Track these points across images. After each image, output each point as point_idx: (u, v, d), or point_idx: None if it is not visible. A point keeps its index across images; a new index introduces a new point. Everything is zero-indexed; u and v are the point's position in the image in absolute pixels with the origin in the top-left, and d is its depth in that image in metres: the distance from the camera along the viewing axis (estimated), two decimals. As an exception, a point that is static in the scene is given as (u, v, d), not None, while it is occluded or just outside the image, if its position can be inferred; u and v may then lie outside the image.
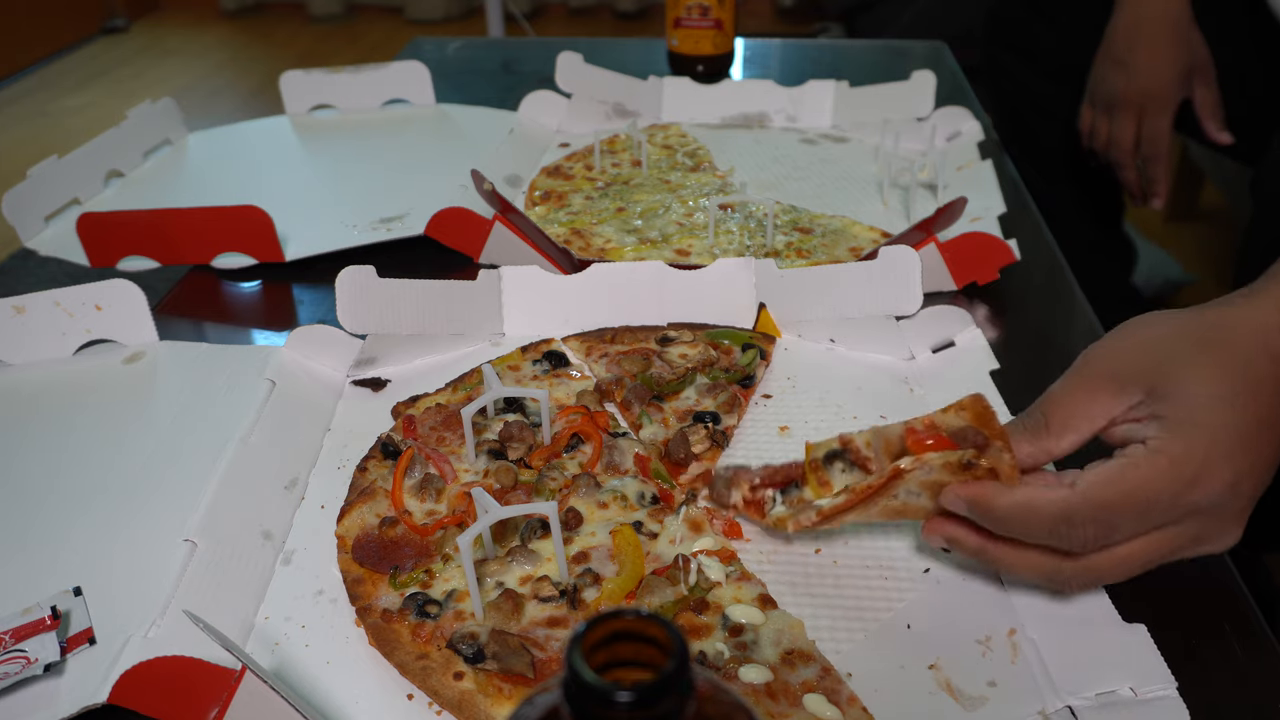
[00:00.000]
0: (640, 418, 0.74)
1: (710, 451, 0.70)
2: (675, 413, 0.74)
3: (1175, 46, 1.22)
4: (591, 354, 0.81)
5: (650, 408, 0.74)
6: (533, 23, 3.55)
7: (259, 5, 4.75)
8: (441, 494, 0.67)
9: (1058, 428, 0.55)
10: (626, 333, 0.83)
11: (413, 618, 0.57)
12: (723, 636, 0.56)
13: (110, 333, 0.85)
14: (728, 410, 0.74)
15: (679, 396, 0.76)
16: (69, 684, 0.55)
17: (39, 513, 0.68)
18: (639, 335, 0.83)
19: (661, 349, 0.81)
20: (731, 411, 0.74)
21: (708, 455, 0.70)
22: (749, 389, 0.77)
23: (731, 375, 0.77)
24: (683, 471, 0.69)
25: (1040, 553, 0.54)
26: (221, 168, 1.24)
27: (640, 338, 0.82)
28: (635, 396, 0.75)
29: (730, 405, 0.74)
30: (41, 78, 3.96)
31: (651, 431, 0.73)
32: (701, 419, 0.73)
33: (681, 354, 0.80)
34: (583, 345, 0.82)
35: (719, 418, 0.73)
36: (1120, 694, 0.52)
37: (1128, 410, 0.53)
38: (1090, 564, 0.53)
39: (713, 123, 1.31)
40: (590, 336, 0.83)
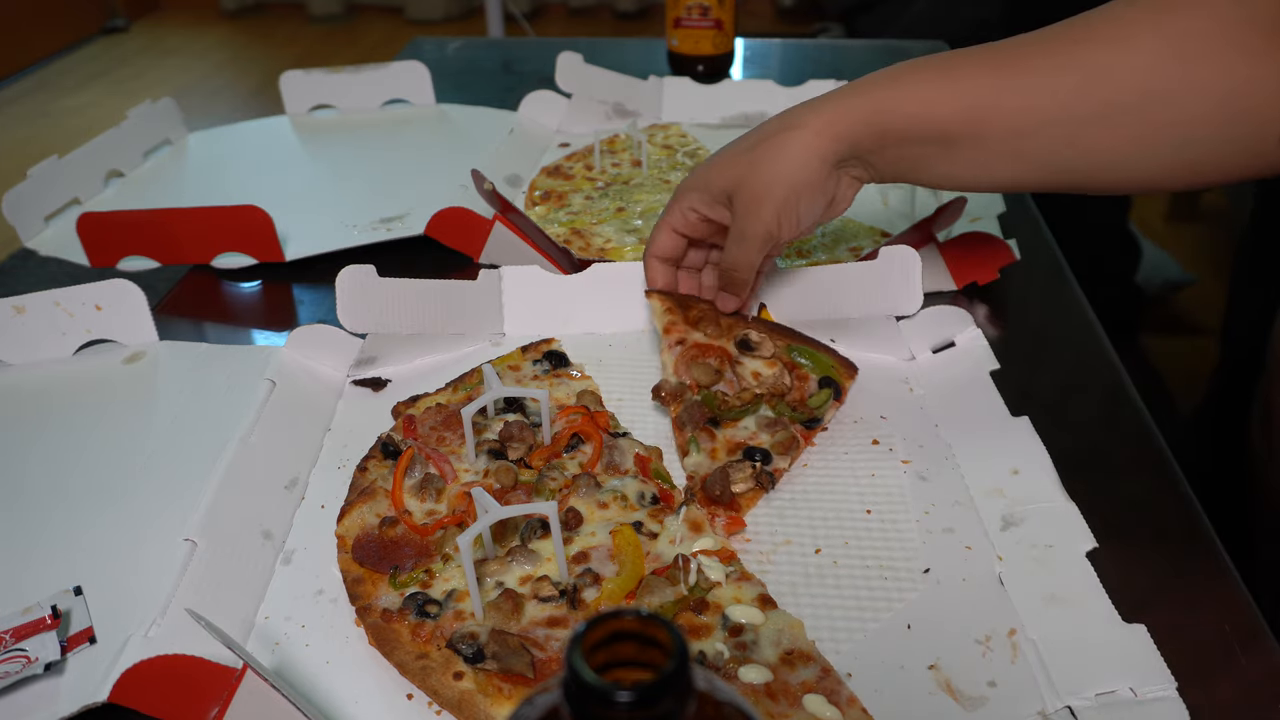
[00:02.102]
0: (690, 443, 0.70)
1: (752, 493, 0.66)
2: (727, 443, 0.70)
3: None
4: (672, 331, 0.77)
5: (703, 433, 0.70)
6: (533, 23, 3.55)
7: (259, 5, 4.75)
8: (441, 494, 0.67)
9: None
10: (711, 313, 0.78)
11: (413, 617, 0.57)
12: (723, 636, 0.56)
13: (110, 333, 0.85)
14: (783, 451, 0.69)
15: (736, 425, 0.71)
16: (69, 683, 0.55)
17: (39, 513, 0.68)
18: (723, 325, 0.77)
19: (738, 356, 0.76)
20: (786, 453, 0.69)
21: (748, 497, 0.66)
22: (813, 430, 0.72)
23: (797, 415, 0.72)
24: (719, 511, 0.65)
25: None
26: (221, 168, 1.24)
27: (724, 328, 0.77)
28: (691, 417, 0.71)
29: (787, 446, 0.69)
30: (41, 78, 3.96)
31: (696, 462, 0.69)
32: (751, 455, 0.68)
33: (755, 372, 0.75)
34: (664, 306, 0.78)
35: (770, 458, 0.68)
36: (1120, 694, 0.52)
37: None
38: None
39: (713, 123, 1.31)
40: (677, 300, 0.78)
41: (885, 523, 0.65)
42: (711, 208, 0.73)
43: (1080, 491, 0.63)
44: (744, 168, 0.70)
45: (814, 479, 0.69)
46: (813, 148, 0.68)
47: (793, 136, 0.69)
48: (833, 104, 0.69)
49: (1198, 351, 1.79)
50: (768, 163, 0.69)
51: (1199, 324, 1.92)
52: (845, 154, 0.69)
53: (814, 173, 0.69)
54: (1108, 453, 0.72)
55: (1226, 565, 0.61)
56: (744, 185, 0.70)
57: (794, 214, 0.70)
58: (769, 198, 0.69)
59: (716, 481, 0.65)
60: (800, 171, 0.68)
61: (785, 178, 0.68)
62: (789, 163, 0.68)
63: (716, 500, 0.65)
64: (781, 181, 0.69)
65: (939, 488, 0.67)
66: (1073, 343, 0.86)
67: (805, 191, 0.69)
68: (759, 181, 0.69)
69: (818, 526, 0.65)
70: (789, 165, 0.68)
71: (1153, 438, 0.73)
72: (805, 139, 0.68)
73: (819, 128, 0.68)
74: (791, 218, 0.70)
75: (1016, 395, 0.72)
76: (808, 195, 0.69)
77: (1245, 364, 1.12)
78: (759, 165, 0.69)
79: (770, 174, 0.69)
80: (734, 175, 0.71)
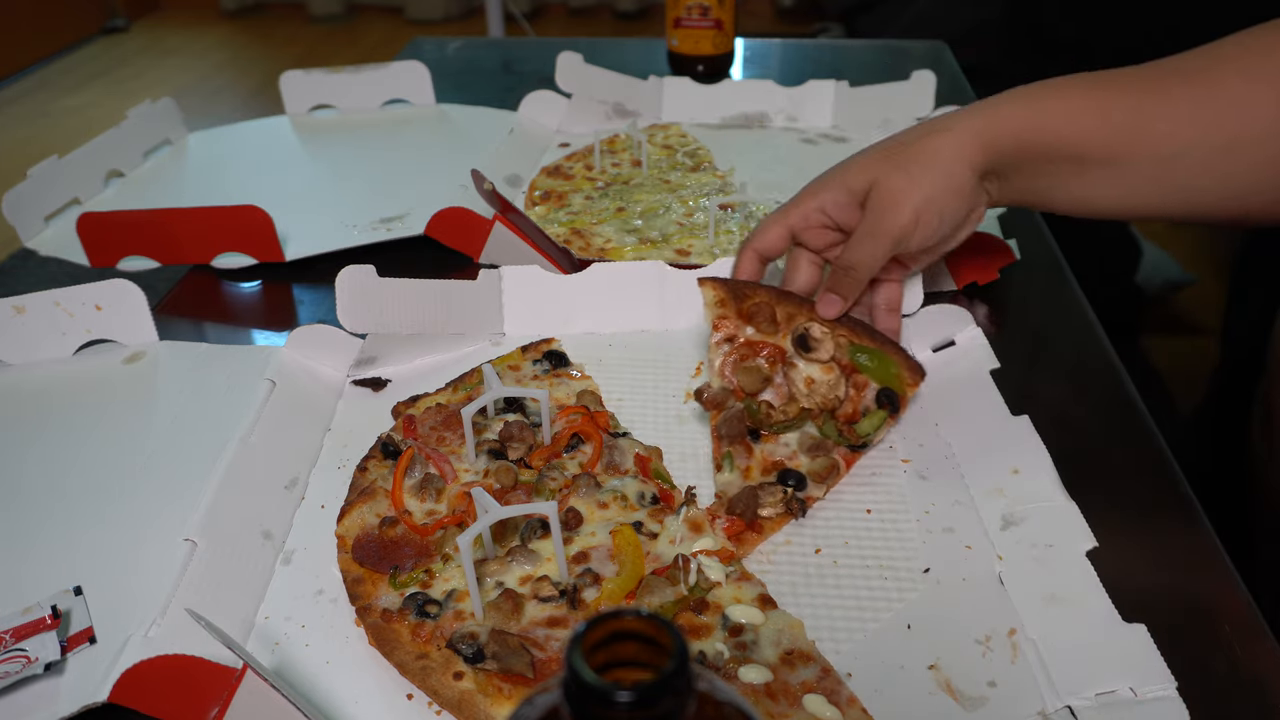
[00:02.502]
0: (724, 459, 0.67)
1: (779, 519, 0.64)
2: (763, 461, 0.68)
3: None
4: (721, 326, 0.72)
5: (740, 446, 0.67)
6: (533, 23, 3.55)
7: (259, 5, 4.75)
8: (441, 494, 0.67)
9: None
10: (768, 306, 0.72)
11: (413, 617, 0.57)
12: (723, 636, 0.56)
13: (110, 333, 0.85)
14: (820, 479, 0.66)
15: (777, 440, 0.69)
16: (69, 683, 0.55)
17: (39, 513, 0.68)
18: (781, 319, 0.72)
19: (794, 355, 0.71)
20: (823, 482, 0.66)
21: (774, 522, 0.64)
22: (857, 454, 0.68)
23: (844, 440, 0.68)
24: (742, 534, 0.63)
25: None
26: (221, 168, 1.24)
27: (782, 321, 0.72)
28: (730, 429, 0.68)
29: (825, 474, 0.66)
30: (41, 78, 3.96)
31: (727, 481, 0.67)
32: (785, 480, 0.65)
33: (809, 379, 0.70)
34: (716, 296, 0.72)
35: (804, 484, 0.65)
36: (1120, 694, 0.52)
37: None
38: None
39: (713, 123, 1.31)
40: (731, 288, 0.72)
41: (885, 522, 0.65)
42: (842, 208, 0.69)
43: (1080, 491, 0.63)
44: (887, 166, 0.68)
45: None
46: (963, 152, 0.66)
47: (943, 139, 0.67)
48: (982, 111, 0.68)
49: (1198, 351, 1.79)
50: (913, 162, 0.67)
51: (1199, 324, 1.92)
52: (990, 165, 0.67)
53: (961, 178, 0.67)
54: (1108, 453, 0.72)
55: (1226, 565, 0.61)
56: (885, 182, 0.67)
57: (934, 217, 0.67)
58: (910, 196, 0.66)
59: (743, 502, 0.64)
60: (947, 175, 0.66)
61: (931, 178, 0.66)
62: (937, 164, 0.66)
63: (741, 517, 0.64)
64: (927, 181, 0.66)
65: (939, 487, 0.67)
66: (1073, 343, 0.86)
67: (950, 196, 0.67)
68: (902, 179, 0.67)
69: (818, 526, 0.65)
70: (936, 166, 0.66)
71: (1153, 438, 0.73)
72: (956, 141, 0.66)
73: (970, 133, 0.67)
74: (931, 220, 0.67)
75: (1016, 395, 0.72)
76: (952, 200, 0.67)
77: (1245, 364, 1.12)
78: (903, 164, 0.67)
79: (915, 173, 0.66)
80: (874, 173, 0.68)
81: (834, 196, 0.70)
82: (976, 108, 0.69)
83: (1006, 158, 0.67)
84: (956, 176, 0.67)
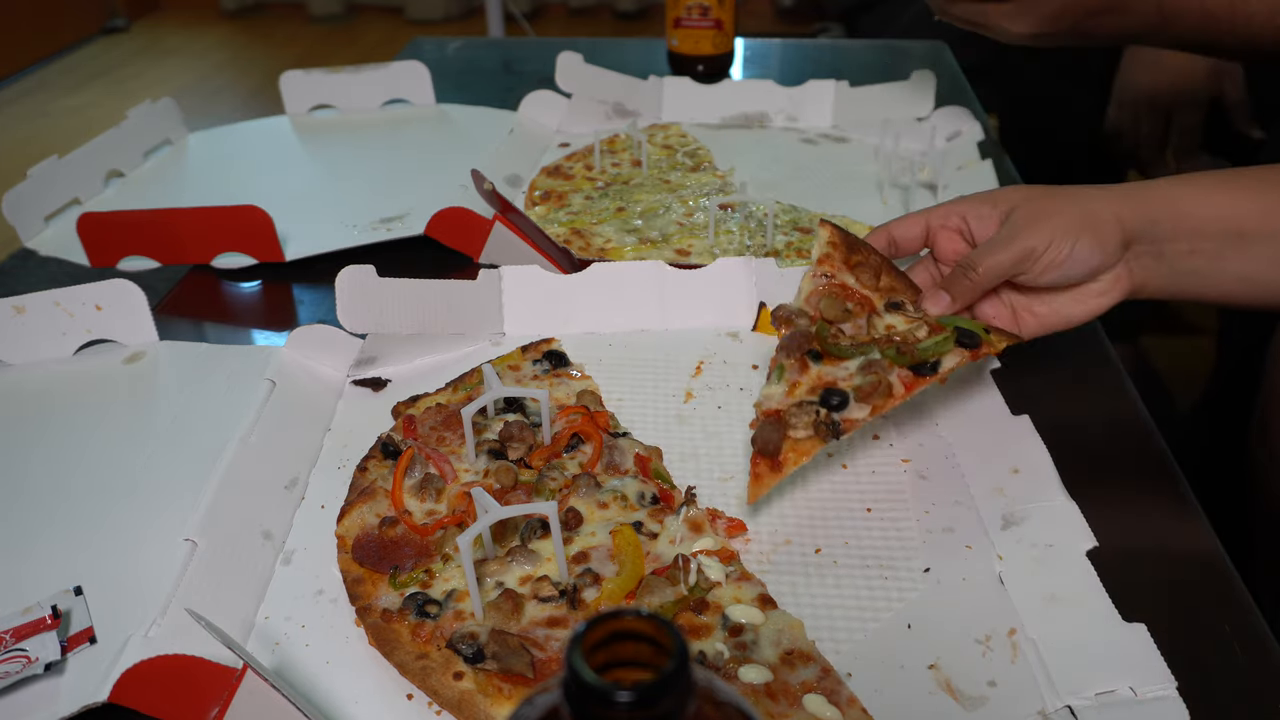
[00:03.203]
0: (776, 370, 0.63)
1: (808, 442, 0.60)
2: (816, 380, 0.63)
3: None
4: (824, 263, 0.70)
5: (795, 363, 0.63)
6: (533, 23, 3.55)
7: (259, 5, 4.75)
8: (441, 494, 0.67)
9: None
10: (875, 267, 0.70)
11: (413, 618, 0.57)
12: (723, 636, 0.56)
13: (110, 333, 0.85)
14: (865, 397, 0.62)
15: (837, 364, 0.64)
16: (69, 683, 0.55)
17: (39, 513, 0.68)
18: (882, 285, 0.70)
19: (882, 311, 0.69)
20: (868, 400, 0.62)
21: (801, 447, 0.60)
22: (920, 380, 0.63)
23: (901, 358, 0.63)
24: (763, 467, 0.60)
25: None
26: (221, 168, 1.24)
27: (880, 288, 0.70)
28: (793, 343, 0.64)
29: (871, 391, 0.62)
30: (41, 78, 3.96)
31: (769, 393, 0.63)
32: (828, 399, 0.61)
33: (890, 325, 0.68)
34: (829, 239, 0.71)
35: (846, 403, 0.61)
36: (1120, 694, 0.52)
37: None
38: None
39: (713, 123, 1.31)
40: (845, 239, 0.71)
41: (885, 522, 0.65)
42: (982, 219, 0.70)
43: (1080, 491, 0.63)
44: (1035, 193, 0.69)
45: (814, 478, 0.69)
46: (1112, 206, 0.66)
47: (1094, 190, 0.68)
48: (1134, 186, 0.69)
49: (1198, 351, 1.79)
50: (1062, 194, 0.67)
51: (1199, 324, 1.92)
52: (1140, 230, 0.66)
53: (1104, 226, 0.66)
54: (1108, 452, 0.72)
55: (1226, 565, 0.61)
56: (1028, 204, 0.68)
57: (1066, 245, 0.66)
58: (1050, 219, 0.66)
59: (770, 433, 0.59)
60: (1091, 215, 0.66)
61: (1075, 210, 0.66)
62: (1083, 203, 0.67)
63: (764, 452, 0.60)
64: (1070, 211, 0.66)
65: (939, 487, 0.67)
66: (1073, 343, 0.86)
67: (1088, 234, 0.66)
68: (1046, 203, 0.67)
69: (818, 526, 0.65)
70: (1083, 205, 0.67)
71: (1153, 438, 0.73)
72: (1107, 195, 0.67)
73: (1121, 193, 0.67)
74: (1062, 247, 0.66)
75: (1016, 395, 0.72)
76: (1088, 239, 0.66)
77: (1244, 363, 1.12)
78: (1052, 193, 0.68)
79: (1061, 201, 0.67)
80: (1022, 196, 0.69)
81: (976, 207, 0.70)
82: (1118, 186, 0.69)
83: (1161, 226, 0.66)
84: (1100, 221, 0.66)
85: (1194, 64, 1.24)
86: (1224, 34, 0.81)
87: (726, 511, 0.66)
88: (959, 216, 0.71)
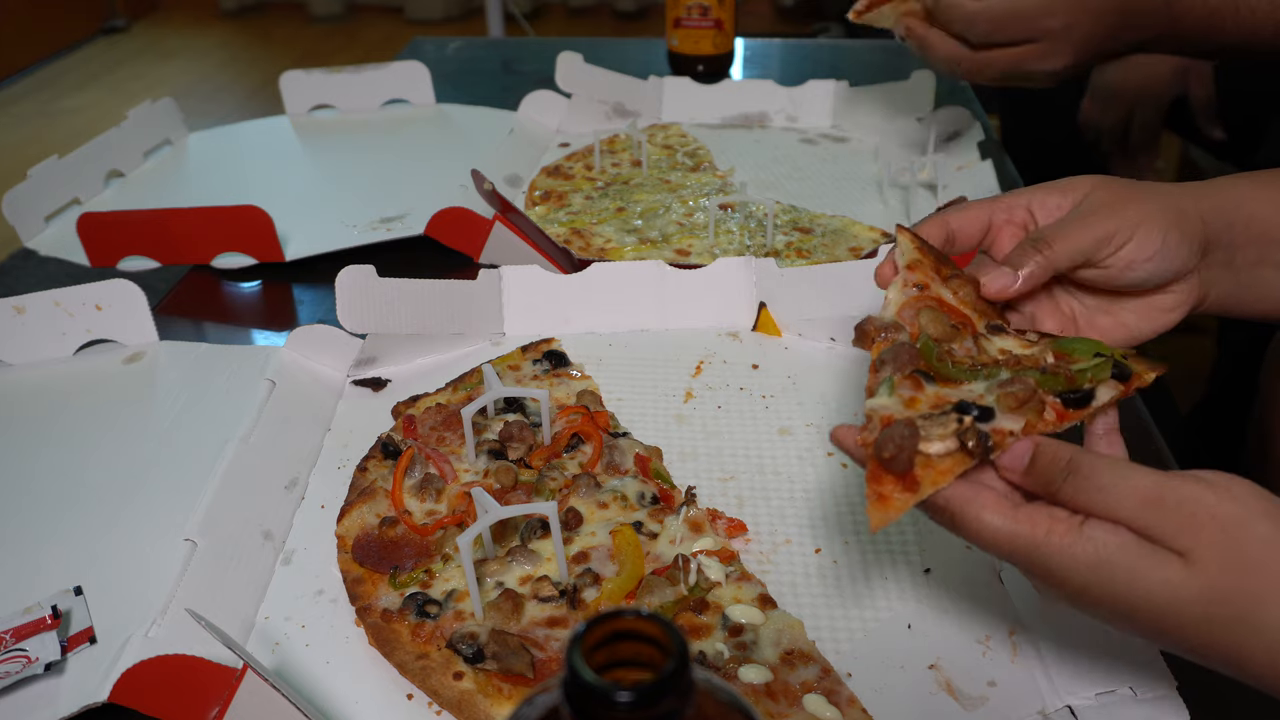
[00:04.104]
0: (883, 384, 0.50)
1: (950, 460, 0.45)
2: (935, 399, 0.49)
3: None
4: (916, 270, 0.56)
5: (906, 380, 0.50)
6: (533, 23, 3.55)
7: (259, 5, 4.75)
8: (441, 494, 0.67)
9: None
10: (972, 285, 0.56)
11: (413, 618, 0.57)
12: (723, 636, 0.56)
13: (110, 333, 0.85)
14: (1013, 407, 0.48)
15: (957, 386, 0.50)
16: (70, 683, 0.55)
17: (39, 512, 0.68)
18: (981, 305, 0.56)
19: (986, 334, 0.55)
20: (1018, 411, 0.48)
21: (940, 467, 0.45)
22: (1074, 411, 0.50)
23: (1052, 382, 0.50)
24: (882, 484, 0.46)
25: (953, 41, 0.89)
26: (221, 168, 1.24)
27: (979, 307, 0.56)
28: (896, 359, 0.51)
29: (1021, 402, 0.48)
30: (41, 78, 3.96)
31: (882, 403, 0.49)
32: (965, 410, 0.47)
33: (1003, 349, 0.54)
34: (915, 245, 0.57)
35: (991, 415, 0.47)
36: (1120, 694, 0.52)
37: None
38: (980, 57, 0.88)
39: (713, 123, 1.31)
40: (929, 251, 0.57)
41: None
42: (1051, 211, 0.60)
43: (1080, 491, 0.62)
44: (1114, 180, 0.59)
45: (814, 478, 0.69)
46: (1192, 201, 0.58)
47: (1169, 186, 0.60)
48: (1196, 186, 0.60)
49: (1198, 351, 1.79)
50: (1141, 185, 0.59)
51: (1199, 324, 1.92)
52: (1218, 230, 0.58)
53: (1190, 219, 0.57)
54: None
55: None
56: (1109, 186, 0.58)
57: (1157, 237, 0.56)
58: (1136, 204, 0.57)
59: (896, 439, 0.46)
60: (1175, 208, 0.57)
61: (1160, 201, 0.57)
62: (1164, 195, 0.58)
63: (887, 465, 0.46)
64: (1156, 200, 0.57)
65: (939, 488, 0.67)
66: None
67: (1176, 228, 0.56)
68: (1130, 191, 0.58)
69: (818, 526, 0.65)
70: (1164, 196, 0.58)
71: (1153, 438, 0.73)
72: (1183, 191, 0.59)
73: (1195, 192, 0.59)
74: (1153, 239, 0.56)
75: (1016, 395, 0.72)
76: (1177, 233, 0.56)
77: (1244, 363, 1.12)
78: (1131, 183, 0.59)
79: (1144, 191, 0.58)
80: (1097, 181, 0.59)
81: (1042, 196, 0.60)
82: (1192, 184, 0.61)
83: (1235, 230, 0.58)
84: (1187, 217, 0.57)
85: (1160, 63, 1.27)
86: (1229, 34, 0.82)
87: (726, 511, 0.66)
88: (1024, 208, 0.61)
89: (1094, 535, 0.43)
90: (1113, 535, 0.43)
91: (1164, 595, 0.42)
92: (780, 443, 0.73)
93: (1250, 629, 0.42)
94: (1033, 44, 0.86)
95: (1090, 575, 0.43)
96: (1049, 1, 0.84)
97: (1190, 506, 0.42)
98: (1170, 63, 1.26)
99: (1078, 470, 0.44)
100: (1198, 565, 0.41)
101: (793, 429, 0.74)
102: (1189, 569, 0.42)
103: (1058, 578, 0.44)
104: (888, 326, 0.54)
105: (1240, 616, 0.42)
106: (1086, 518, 0.44)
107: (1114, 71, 1.30)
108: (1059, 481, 0.45)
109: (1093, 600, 0.44)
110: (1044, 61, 0.86)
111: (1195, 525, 0.42)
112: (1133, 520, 0.43)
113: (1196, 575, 0.41)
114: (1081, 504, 0.44)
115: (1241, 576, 0.41)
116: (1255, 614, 0.41)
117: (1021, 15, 0.85)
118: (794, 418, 0.75)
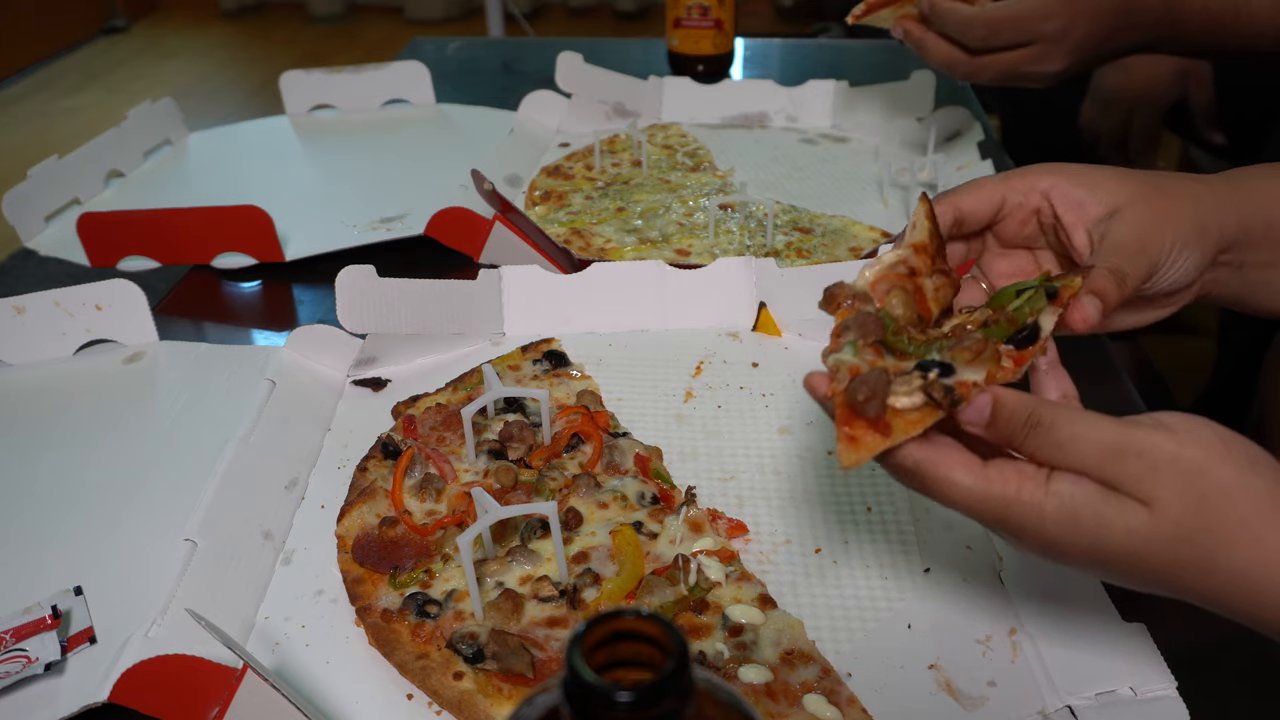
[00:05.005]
0: (845, 347, 0.49)
1: (918, 414, 0.45)
2: (894, 369, 0.48)
3: None
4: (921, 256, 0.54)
5: (869, 348, 0.49)
6: (533, 23, 3.55)
7: (259, 5, 4.75)
8: (441, 494, 0.67)
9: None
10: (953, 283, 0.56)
11: (413, 618, 0.57)
12: (723, 636, 0.56)
13: (110, 333, 0.85)
14: (970, 359, 0.47)
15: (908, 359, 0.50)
16: (70, 683, 0.55)
17: (39, 513, 0.68)
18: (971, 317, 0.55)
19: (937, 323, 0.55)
20: (977, 362, 0.47)
21: (909, 419, 0.45)
22: (1026, 350, 0.50)
23: (999, 330, 0.50)
24: (854, 428, 0.45)
25: (950, 45, 0.89)
26: (221, 168, 1.24)
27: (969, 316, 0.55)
28: (860, 326, 0.50)
29: (976, 353, 0.48)
30: (41, 78, 3.96)
31: (847, 359, 0.48)
32: (926, 368, 0.47)
33: (953, 328, 0.54)
34: (928, 223, 0.55)
35: (951, 370, 0.47)
36: (1120, 694, 0.52)
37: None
38: (977, 61, 0.88)
39: (713, 123, 1.31)
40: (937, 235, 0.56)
41: (885, 521, 0.65)
42: (1072, 205, 0.57)
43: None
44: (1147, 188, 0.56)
45: (814, 478, 0.69)
46: (1217, 211, 0.55)
47: (1199, 190, 0.57)
48: (1225, 177, 0.59)
49: (1198, 351, 1.79)
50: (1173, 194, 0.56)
51: (1199, 324, 1.92)
52: (1234, 238, 0.56)
53: (1209, 234, 0.55)
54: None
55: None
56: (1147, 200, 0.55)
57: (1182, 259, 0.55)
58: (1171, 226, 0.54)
59: (869, 387, 0.45)
60: (1200, 224, 0.55)
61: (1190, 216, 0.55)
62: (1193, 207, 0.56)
63: (859, 410, 0.45)
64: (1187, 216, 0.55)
65: (939, 488, 0.67)
66: (1073, 342, 0.86)
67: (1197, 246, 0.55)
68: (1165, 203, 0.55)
69: (818, 526, 0.65)
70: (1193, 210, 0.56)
71: (1153, 438, 0.73)
72: (1212, 196, 0.56)
73: (1223, 195, 0.57)
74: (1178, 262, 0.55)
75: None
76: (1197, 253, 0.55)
77: (1244, 363, 1.12)
78: (1164, 189, 0.56)
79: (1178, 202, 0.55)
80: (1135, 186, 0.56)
81: (1070, 190, 0.57)
82: (1214, 175, 0.59)
83: (1251, 234, 0.56)
84: (1207, 233, 0.55)
85: (1160, 67, 1.27)
86: (1227, 35, 0.82)
87: (726, 511, 0.66)
88: (1041, 195, 0.58)
89: (1059, 489, 0.43)
90: (1077, 487, 0.43)
91: (1132, 543, 0.43)
92: (780, 442, 0.73)
93: (1219, 568, 0.43)
94: (1029, 47, 0.86)
95: (1058, 530, 0.44)
96: (1045, 5, 0.84)
97: (1152, 455, 0.43)
98: (1170, 66, 1.26)
99: (1039, 424, 0.44)
100: (1161, 512, 0.42)
101: (793, 428, 0.74)
102: (1154, 516, 0.42)
103: (1030, 534, 0.44)
104: (857, 295, 0.54)
105: (1207, 558, 0.43)
106: (1052, 470, 0.44)
107: (1113, 75, 1.29)
108: (1021, 436, 0.45)
109: (1062, 552, 0.45)
110: (1041, 64, 0.86)
111: (1157, 473, 0.42)
112: (1096, 471, 0.43)
113: (1161, 522, 0.42)
114: (1044, 458, 0.44)
115: (1205, 520, 0.42)
116: (1221, 554, 0.42)
117: (1017, 19, 0.85)
118: (794, 417, 0.75)
